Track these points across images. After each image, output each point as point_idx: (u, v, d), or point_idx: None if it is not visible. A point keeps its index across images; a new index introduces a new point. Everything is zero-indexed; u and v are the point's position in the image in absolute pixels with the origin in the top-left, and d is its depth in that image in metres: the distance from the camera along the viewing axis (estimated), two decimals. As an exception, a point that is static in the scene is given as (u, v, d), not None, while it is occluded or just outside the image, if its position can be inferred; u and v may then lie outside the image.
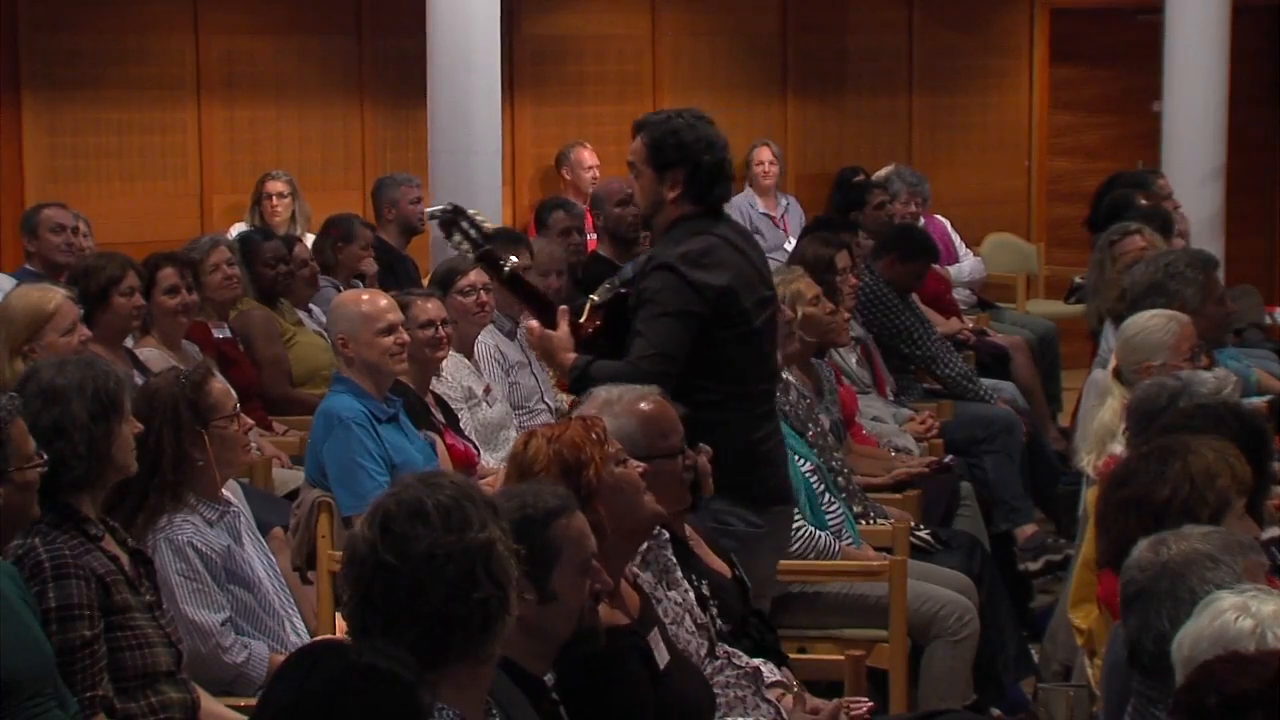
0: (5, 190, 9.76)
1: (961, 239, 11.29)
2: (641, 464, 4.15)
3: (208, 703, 4.51)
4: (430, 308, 6.52)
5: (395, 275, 8.98)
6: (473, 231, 5.28)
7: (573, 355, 5.12)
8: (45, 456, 4.11)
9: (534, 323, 5.26)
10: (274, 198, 9.79)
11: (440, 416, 6.62)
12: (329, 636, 4.82)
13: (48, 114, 9.92)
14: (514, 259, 5.40)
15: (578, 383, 5.06)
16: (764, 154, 11.65)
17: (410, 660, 2.90)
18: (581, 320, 5.21)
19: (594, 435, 4.01)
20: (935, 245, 9.32)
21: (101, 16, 10.06)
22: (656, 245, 5.26)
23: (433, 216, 5.38)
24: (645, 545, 4.33)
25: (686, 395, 4.89)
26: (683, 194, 5.17)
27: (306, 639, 4.86)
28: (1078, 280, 10.62)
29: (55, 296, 6.11)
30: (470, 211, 5.33)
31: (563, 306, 5.25)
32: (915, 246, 8.81)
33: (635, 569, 4.27)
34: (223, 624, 4.76)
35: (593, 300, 5.28)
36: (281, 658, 4.22)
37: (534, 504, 3.54)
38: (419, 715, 2.80)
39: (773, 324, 5.36)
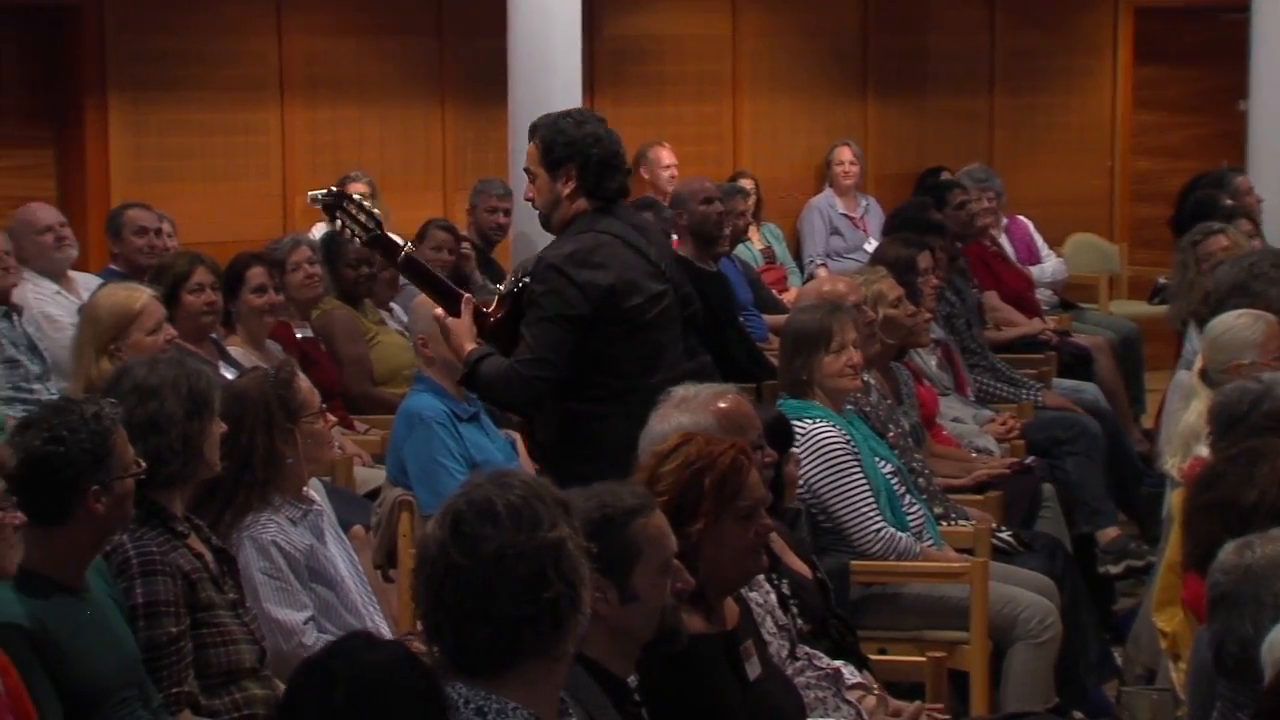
0: (91, 191, 9.86)
1: (1043, 239, 11.22)
2: (769, 524, 4.11)
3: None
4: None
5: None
6: (361, 215, 5.38)
7: (470, 345, 5.22)
8: (143, 464, 4.15)
9: (439, 310, 5.34)
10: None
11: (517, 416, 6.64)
12: (409, 634, 4.85)
13: (133, 115, 10.01)
14: (409, 243, 5.47)
15: (467, 379, 5.21)
16: (844, 154, 11.61)
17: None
18: (488, 310, 5.33)
19: (726, 488, 3.95)
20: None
21: (186, 18, 10.14)
22: (551, 245, 5.37)
23: (314, 200, 5.48)
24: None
25: (573, 391, 5.13)
26: (576, 189, 5.30)
27: (389, 638, 4.87)
28: (1162, 281, 10.53)
29: (141, 296, 6.16)
30: (356, 196, 5.42)
31: (467, 295, 5.36)
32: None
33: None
34: (305, 622, 4.78)
35: (498, 290, 5.43)
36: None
37: (613, 503, 3.53)
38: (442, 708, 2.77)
39: (670, 317, 5.42)
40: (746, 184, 10.72)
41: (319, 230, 9.50)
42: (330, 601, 4.90)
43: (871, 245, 10.14)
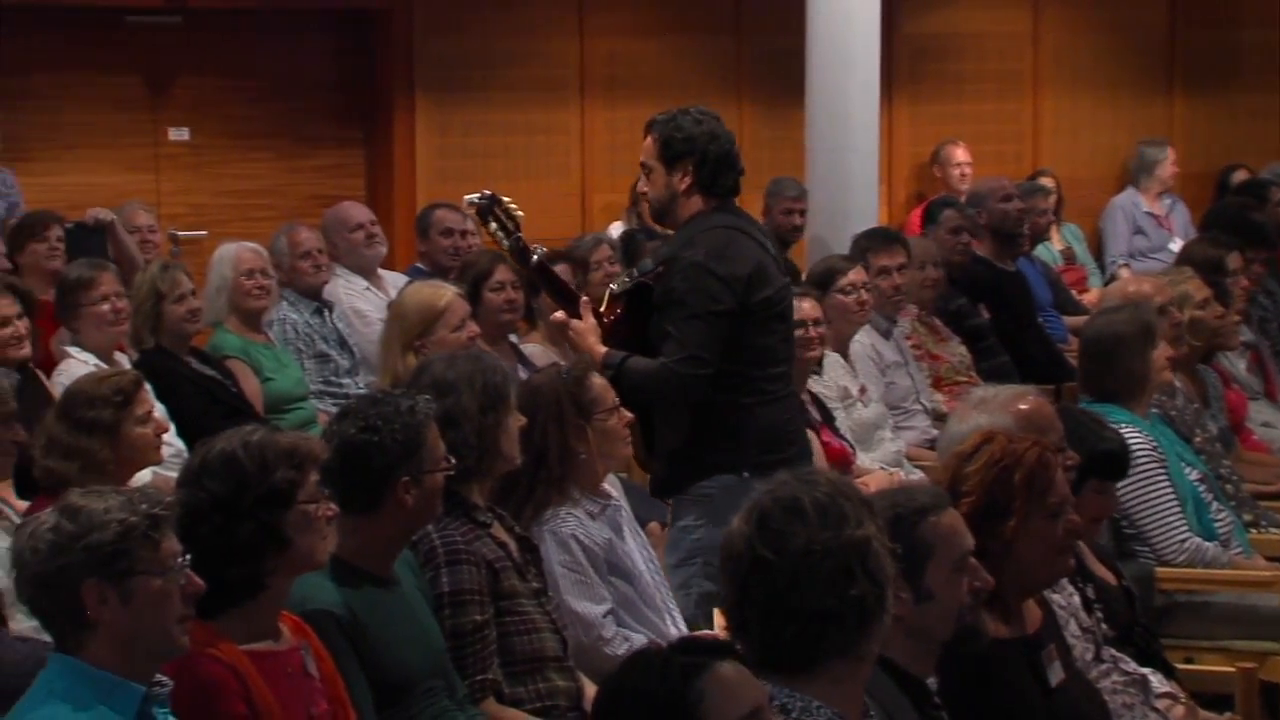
0: (398, 190, 10.12)
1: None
2: (1075, 519, 4.07)
3: (591, 693, 4.57)
4: (805, 307, 6.53)
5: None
6: (508, 221, 5.42)
7: (600, 345, 5.28)
8: (453, 460, 4.23)
9: (560, 313, 5.40)
10: None
11: (816, 414, 6.63)
12: (705, 632, 4.87)
13: (438, 116, 10.25)
14: (541, 248, 5.51)
15: (612, 380, 5.17)
16: (1168, 154, 11.36)
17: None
18: (600, 310, 5.37)
19: (1036, 483, 3.92)
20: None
21: (491, 21, 10.35)
22: (675, 241, 5.40)
23: (471, 204, 5.53)
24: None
25: (715, 381, 5.17)
26: (693, 185, 5.34)
27: (685, 633, 4.90)
28: None
29: (446, 293, 6.28)
30: (505, 200, 5.47)
31: (584, 298, 5.43)
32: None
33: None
34: (604, 615, 4.82)
35: (611, 290, 5.47)
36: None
37: (904, 502, 3.52)
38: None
39: (790, 307, 5.56)
40: (1047, 182, 10.57)
41: (616, 229, 9.61)
42: (629, 596, 4.93)
43: (1177, 245, 9.91)
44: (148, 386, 5.33)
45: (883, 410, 7.18)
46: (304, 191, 10.14)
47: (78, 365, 6.46)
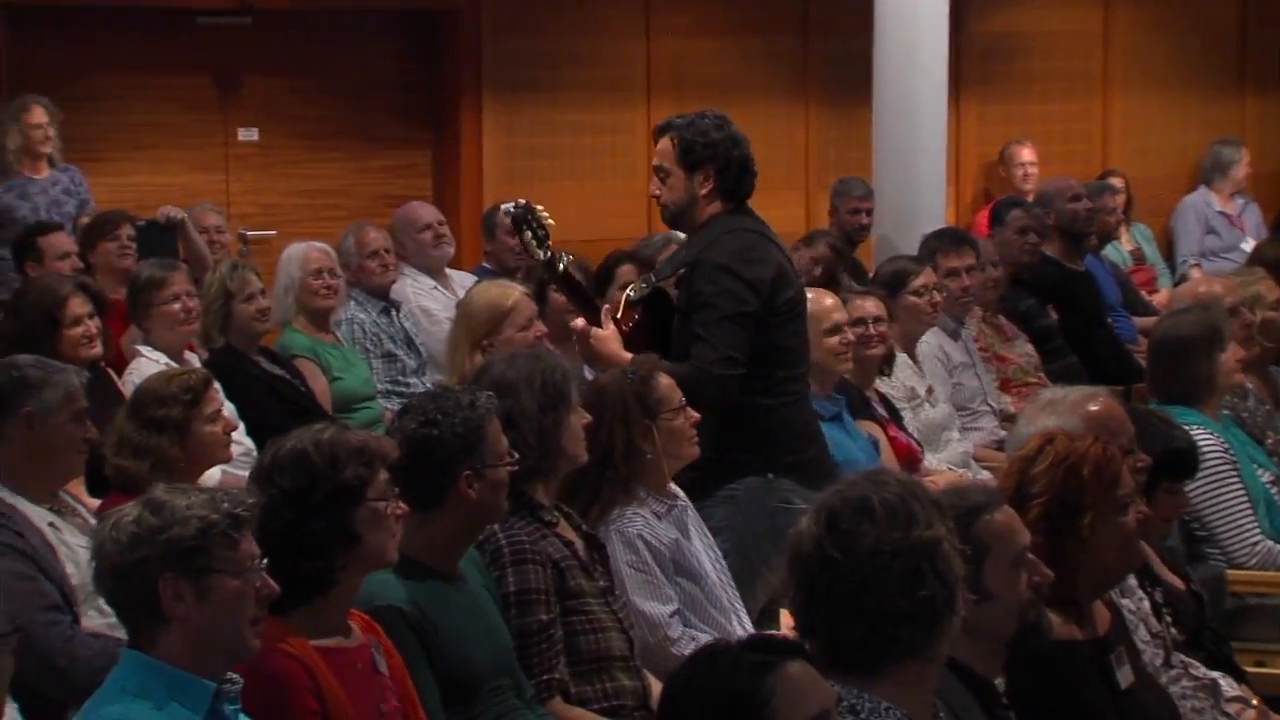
0: (466, 190, 10.16)
1: None
2: (1144, 510, 4.09)
3: (657, 692, 4.57)
4: (868, 306, 6.52)
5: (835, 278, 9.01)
6: (540, 230, 5.43)
7: (623, 351, 5.30)
8: (516, 455, 4.24)
9: (580, 320, 5.42)
10: None
11: (883, 412, 6.62)
12: (773, 633, 4.87)
13: (505, 116, 10.28)
14: (568, 256, 5.55)
15: None
16: (1243, 154, 11.27)
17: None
18: (618, 316, 5.39)
19: (1104, 477, 3.93)
20: None
21: (558, 21, 10.38)
22: (694, 245, 5.41)
23: (508, 213, 5.54)
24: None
25: (741, 383, 5.23)
26: (713, 190, 5.38)
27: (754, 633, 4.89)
28: None
29: (513, 293, 6.29)
30: (538, 209, 5.47)
31: (606, 305, 5.44)
32: None
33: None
34: (671, 616, 4.81)
35: (628, 296, 5.48)
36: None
37: (958, 502, 3.50)
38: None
39: (805, 309, 5.61)
40: (1116, 182, 10.52)
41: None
42: (695, 596, 4.92)
43: (1249, 245, 9.84)
44: (217, 385, 5.36)
45: (950, 411, 7.17)
46: (372, 191, 10.20)
47: (148, 364, 6.51)
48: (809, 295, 6.39)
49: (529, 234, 5.43)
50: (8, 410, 4.67)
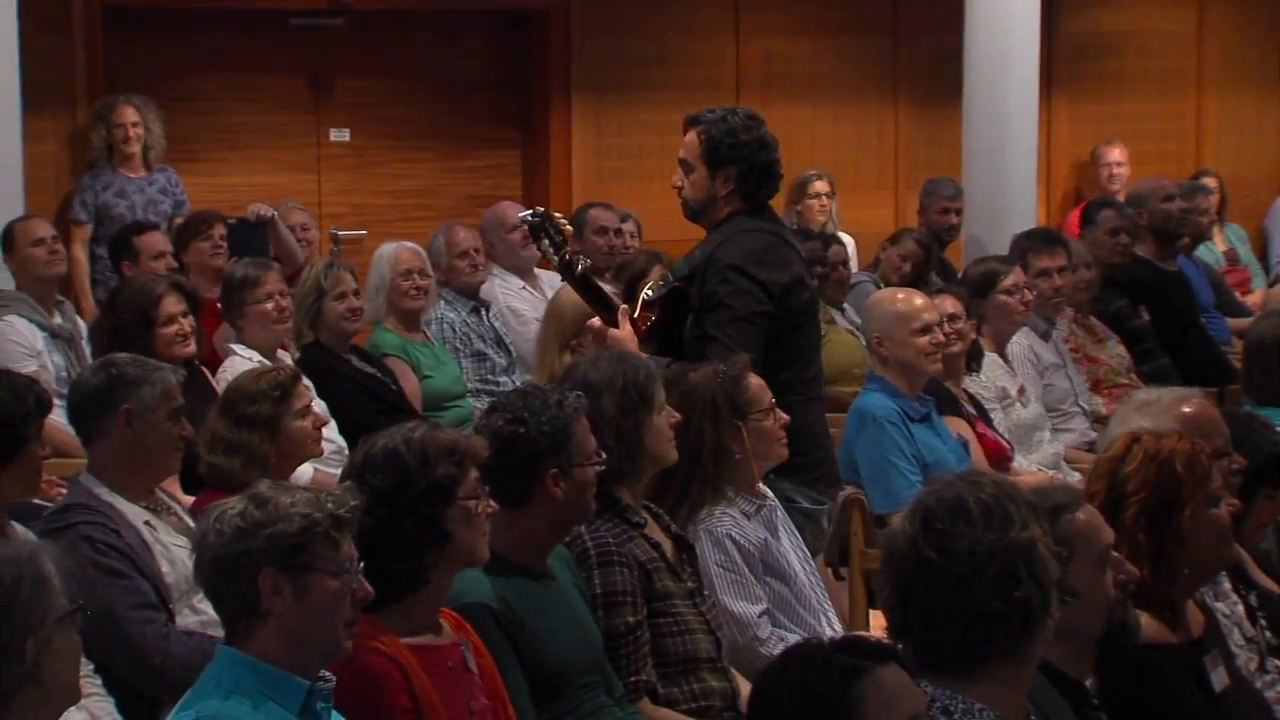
0: (555, 190, 10.20)
1: None
2: (1235, 502, 4.09)
3: (746, 693, 4.57)
4: (946, 304, 6.51)
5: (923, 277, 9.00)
6: (557, 237, 5.40)
7: (641, 353, 5.22)
8: (604, 455, 4.24)
9: (596, 320, 5.39)
10: (822, 197, 9.87)
11: (971, 410, 6.60)
12: (863, 633, 4.87)
13: (594, 116, 10.32)
14: (585, 260, 5.57)
15: None
16: None
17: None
18: (634, 317, 5.36)
19: (1198, 470, 3.92)
20: None
21: (648, 21, 10.40)
22: (708, 243, 5.42)
23: (525, 221, 5.51)
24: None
25: None
26: (733, 191, 5.40)
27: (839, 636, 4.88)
28: None
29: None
30: (556, 216, 5.47)
31: (623, 306, 5.40)
32: None
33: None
34: (760, 615, 4.82)
35: (646, 296, 5.46)
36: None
37: (1041, 502, 3.43)
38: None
39: (817, 309, 5.66)
40: (1209, 182, 10.43)
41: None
42: (785, 596, 4.93)
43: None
44: (306, 381, 5.40)
45: (1041, 412, 7.13)
46: (461, 191, 10.25)
47: (241, 362, 6.55)
48: (898, 295, 6.41)
49: (545, 241, 5.41)
50: (107, 408, 4.71)
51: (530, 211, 5.52)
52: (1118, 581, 3.54)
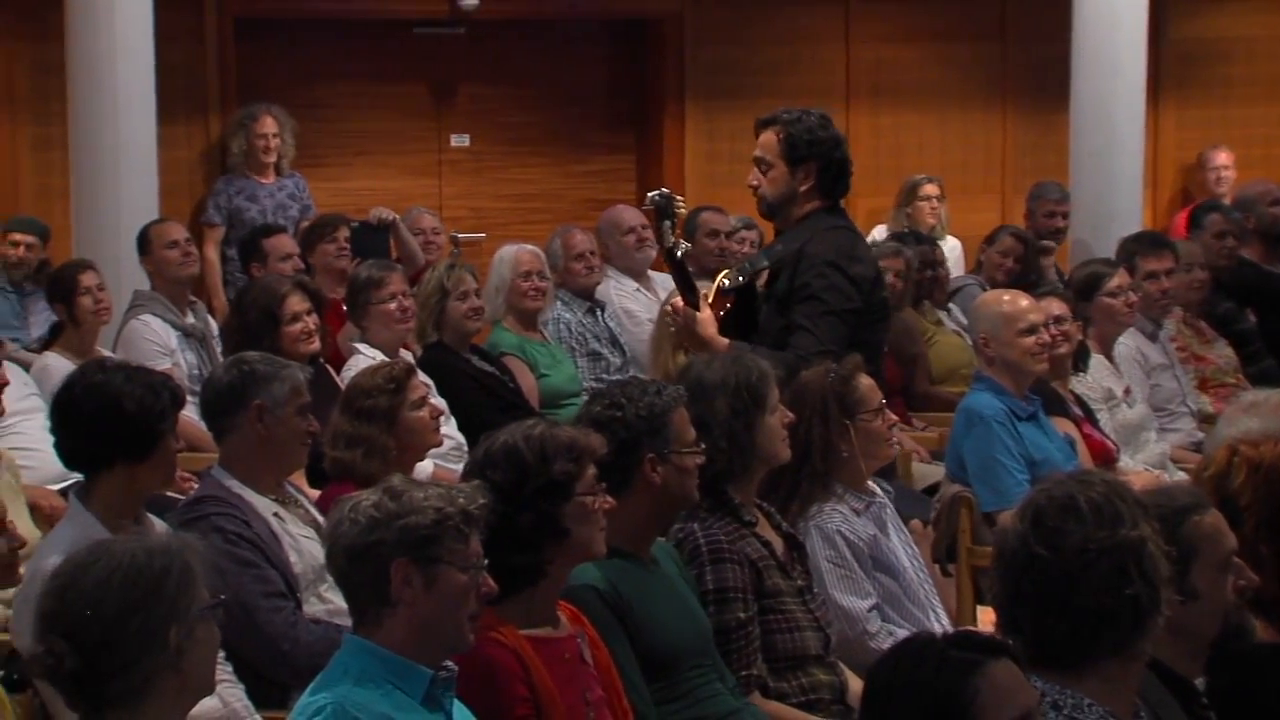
0: (669, 194, 10.30)
1: None
2: None
3: (854, 686, 4.60)
4: (1051, 306, 6.54)
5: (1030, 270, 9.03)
6: (673, 220, 5.53)
7: (718, 336, 5.40)
8: (704, 445, 4.30)
9: (678, 300, 5.53)
10: (933, 200, 9.91)
11: (1079, 411, 6.63)
12: (971, 629, 4.93)
13: (706, 122, 10.40)
14: (686, 244, 5.70)
15: None
16: None
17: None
18: (711, 303, 5.48)
19: None
20: None
21: (760, 29, 10.48)
22: (792, 238, 5.50)
23: (653, 200, 5.60)
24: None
25: None
26: (813, 188, 5.49)
27: (949, 631, 4.93)
28: None
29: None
30: (678, 199, 5.58)
31: (705, 292, 5.50)
32: None
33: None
34: (869, 610, 4.86)
35: (722, 284, 5.56)
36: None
37: (1166, 503, 3.50)
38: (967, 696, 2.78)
39: (890, 312, 5.83)
40: (1317, 187, 10.35)
41: (880, 232, 9.67)
42: (894, 591, 4.97)
43: None
44: (422, 374, 5.47)
45: (1147, 412, 7.13)
46: (578, 195, 10.37)
47: (364, 361, 6.58)
48: (1004, 296, 6.46)
49: (667, 222, 5.54)
50: (239, 403, 4.78)
51: (657, 192, 5.64)
52: (1238, 587, 3.53)
